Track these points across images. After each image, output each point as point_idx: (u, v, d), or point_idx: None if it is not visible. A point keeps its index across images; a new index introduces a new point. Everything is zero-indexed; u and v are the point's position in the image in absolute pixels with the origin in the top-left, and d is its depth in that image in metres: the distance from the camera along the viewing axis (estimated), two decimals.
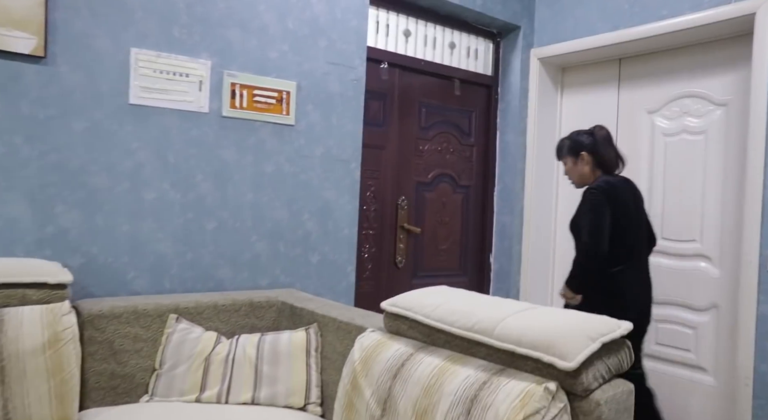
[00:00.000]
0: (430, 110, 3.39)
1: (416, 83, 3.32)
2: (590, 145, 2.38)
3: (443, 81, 3.44)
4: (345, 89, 2.78)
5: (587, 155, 2.39)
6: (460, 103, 3.53)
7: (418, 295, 1.76)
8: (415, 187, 3.33)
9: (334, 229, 2.77)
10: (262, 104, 2.50)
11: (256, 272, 2.53)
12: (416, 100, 3.33)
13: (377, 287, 3.19)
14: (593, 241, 2.17)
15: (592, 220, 2.19)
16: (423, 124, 3.36)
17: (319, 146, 2.70)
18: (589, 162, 2.39)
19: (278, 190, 2.58)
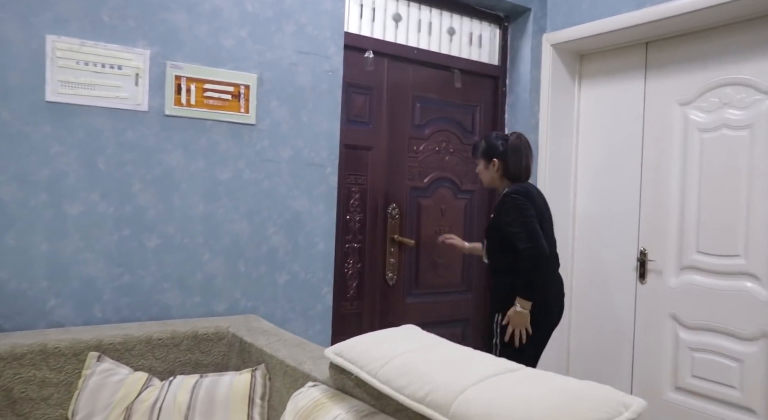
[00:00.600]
0: (426, 105, 2.98)
1: (409, 75, 2.91)
2: (502, 153, 2.34)
3: (441, 72, 3.03)
4: (318, 82, 2.40)
5: (498, 162, 2.35)
6: (461, 98, 3.11)
7: (371, 342, 1.37)
8: (408, 192, 2.93)
9: (306, 243, 2.39)
10: (214, 100, 2.14)
11: (210, 296, 2.17)
12: (409, 95, 2.92)
13: (364, 309, 2.80)
14: (534, 243, 2.14)
15: (525, 224, 2.17)
16: (417, 121, 2.96)
17: (287, 148, 2.33)
18: (499, 169, 2.36)
19: (236, 199, 2.21)
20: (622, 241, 2.97)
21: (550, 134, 3.14)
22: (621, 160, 2.99)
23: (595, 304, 3.11)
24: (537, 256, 2.14)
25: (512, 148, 2.34)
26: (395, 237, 2.85)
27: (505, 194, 2.30)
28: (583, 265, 3.20)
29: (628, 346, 2.92)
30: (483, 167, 2.41)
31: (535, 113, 3.13)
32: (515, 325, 2.21)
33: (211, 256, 2.16)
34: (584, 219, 3.21)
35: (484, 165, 2.40)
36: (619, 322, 2.97)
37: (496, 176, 2.38)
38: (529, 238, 2.14)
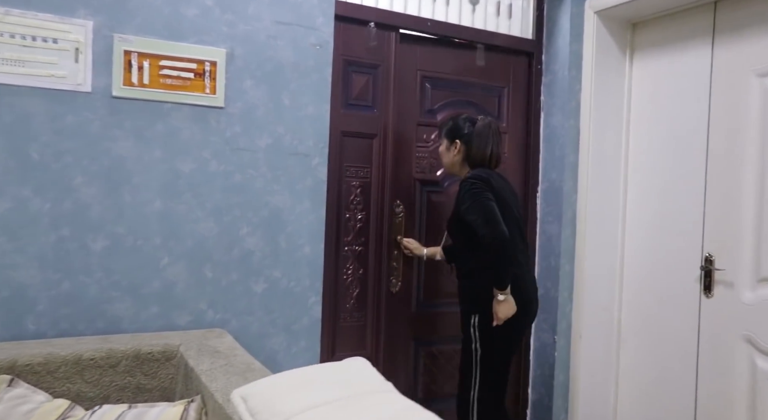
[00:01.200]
0: (439, 87, 2.57)
1: (421, 51, 2.52)
2: (467, 136, 2.16)
3: (461, 49, 2.61)
4: (302, 58, 2.06)
5: (461, 145, 2.17)
6: (485, 77, 2.67)
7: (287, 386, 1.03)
8: (416, 187, 2.53)
9: (289, 246, 2.06)
10: (173, 80, 1.84)
11: (169, 307, 1.87)
12: (420, 74, 2.52)
13: (367, 321, 2.43)
14: (492, 228, 1.96)
15: (482, 209, 1.99)
16: (429, 105, 2.55)
17: (264, 135, 2.00)
18: (461, 152, 2.17)
19: (201, 195, 1.91)
20: (681, 246, 2.45)
21: (594, 118, 2.65)
22: (682, 148, 2.47)
23: (648, 322, 2.59)
24: (498, 240, 1.96)
25: (478, 133, 2.16)
26: (398, 238, 2.46)
27: (461, 180, 2.12)
28: (634, 276, 2.69)
29: (689, 375, 2.39)
30: (444, 148, 2.24)
31: (575, 94, 2.65)
32: (504, 313, 2.03)
33: (170, 260, 1.86)
34: (636, 220, 2.69)
35: (446, 146, 2.22)
36: (679, 345, 2.44)
37: (456, 160, 2.20)
38: (487, 223, 1.97)
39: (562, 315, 2.67)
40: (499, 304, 2.02)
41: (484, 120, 2.18)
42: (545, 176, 2.76)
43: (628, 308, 2.72)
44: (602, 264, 2.71)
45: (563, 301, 2.67)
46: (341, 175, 2.34)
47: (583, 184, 2.67)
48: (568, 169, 2.66)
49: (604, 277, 2.72)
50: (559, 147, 2.68)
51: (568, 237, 2.67)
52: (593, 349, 2.70)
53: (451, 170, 2.27)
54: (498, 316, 2.03)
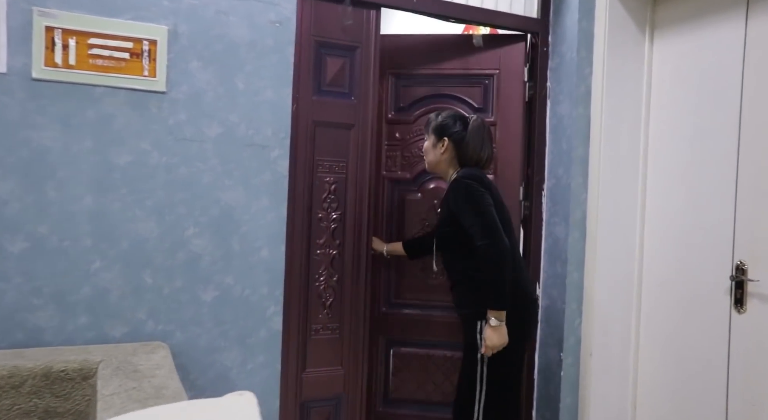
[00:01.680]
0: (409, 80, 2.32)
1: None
2: (457, 134, 2.03)
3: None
4: (259, 36, 1.82)
5: (449, 143, 2.04)
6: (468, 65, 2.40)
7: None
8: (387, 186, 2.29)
9: (244, 249, 1.82)
10: (106, 60, 1.63)
11: (101, 316, 1.66)
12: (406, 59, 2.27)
13: (344, 332, 2.18)
14: (492, 237, 1.82)
15: (482, 214, 1.84)
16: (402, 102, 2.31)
17: (213, 124, 1.77)
18: (449, 151, 2.04)
19: (140, 191, 1.69)
20: (709, 253, 2.10)
21: (607, 106, 2.33)
22: (710, 139, 2.12)
23: (671, 341, 2.25)
24: (498, 252, 1.81)
25: (473, 131, 2.04)
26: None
27: (454, 180, 1.96)
28: (654, 286, 2.35)
29: (718, 399, 2.05)
30: (430, 145, 2.09)
31: (585, 78, 2.34)
32: (494, 344, 1.84)
33: (103, 264, 1.65)
34: (656, 222, 2.35)
35: (433, 143, 2.08)
36: (706, 368, 2.10)
37: (443, 159, 2.06)
38: (487, 232, 1.82)
39: (570, 330, 2.36)
40: (492, 331, 1.84)
41: (477, 120, 2.08)
42: (552, 172, 2.45)
43: (648, 324, 2.38)
44: (616, 272, 2.38)
45: (571, 313, 2.36)
46: (313, 170, 2.09)
47: (593, 180, 2.35)
48: (576, 163, 2.34)
49: (619, 287, 2.39)
50: (566, 139, 2.37)
51: (576, 241, 2.35)
52: (606, 369, 2.37)
53: (435, 169, 2.13)
54: (486, 345, 1.85)
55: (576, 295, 2.37)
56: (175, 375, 1.42)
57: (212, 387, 1.79)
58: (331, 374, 2.17)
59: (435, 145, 2.07)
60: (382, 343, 2.51)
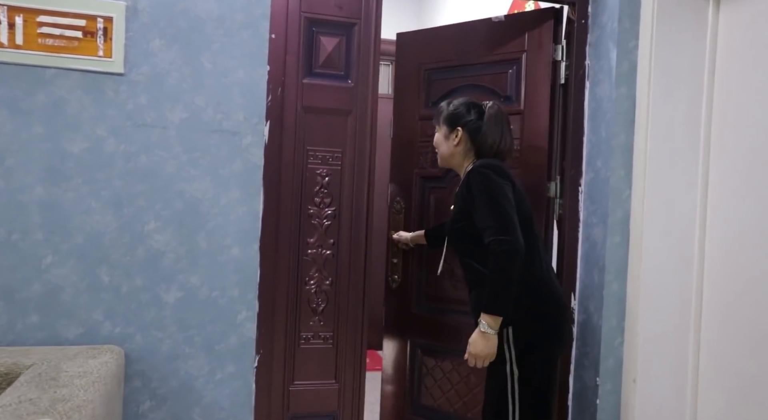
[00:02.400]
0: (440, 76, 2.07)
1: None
2: (471, 123, 1.83)
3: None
4: (228, 11, 1.64)
5: (463, 133, 1.84)
6: (502, 48, 2.10)
7: None
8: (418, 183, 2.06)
9: (211, 247, 1.65)
10: (57, 40, 1.51)
11: (54, 316, 1.54)
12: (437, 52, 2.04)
13: (339, 340, 1.95)
14: (507, 234, 1.59)
15: (495, 207, 1.62)
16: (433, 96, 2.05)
17: (177, 108, 1.61)
18: (464, 142, 1.84)
19: (96, 181, 1.56)
20: None
21: (656, 85, 1.94)
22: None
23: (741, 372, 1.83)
24: (510, 252, 1.59)
25: (490, 118, 1.83)
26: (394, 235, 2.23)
27: (470, 170, 1.76)
28: (720, 306, 1.93)
29: None
30: (442, 137, 1.89)
31: (628, 53, 1.97)
32: (478, 352, 1.63)
33: (55, 259, 1.54)
34: (721, 225, 1.93)
35: (445, 134, 1.88)
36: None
37: (457, 151, 1.86)
38: (500, 228, 1.60)
39: (608, 350, 1.99)
40: (480, 337, 1.63)
41: (493, 106, 1.88)
42: (590, 164, 2.10)
43: (710, 350, 1.96)
44: (668, 285, 1.98)
45: (609, 331, 1.99)
46: (304, 161, 1.89)
47: (639, 174, 1.97)
48: (617, 153, 1.98)
49: (672, 302, 1.99)
50: (606, 125, 2.01)
51: (617, 245, 1.98)
52: (654, 399, 1.98)
53: (448, 162, 1.93)
54: (470, 351, 1.65)
55: (616, 309, 2.00)
56: (99, 386, 1.26)
57: (175, 397, 1.63)
58: (324, 388, 1.95)
59: (447, 137, 1.88)
60: (410, 345, 2.38)
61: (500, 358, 1.68)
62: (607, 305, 1.99)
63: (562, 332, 1.81)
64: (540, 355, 1.72)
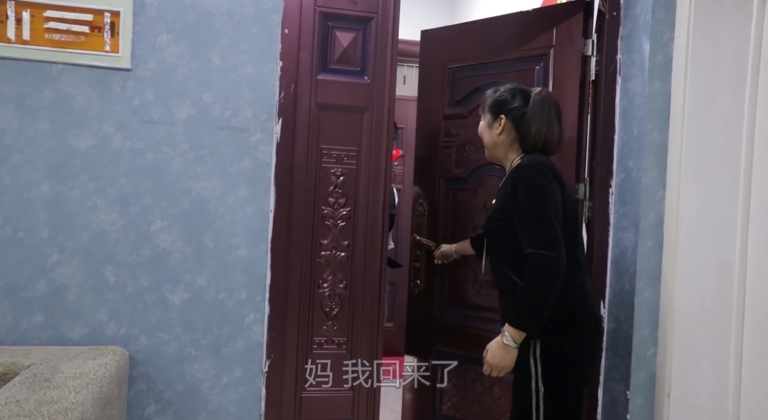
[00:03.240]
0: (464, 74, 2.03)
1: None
2: (516, 110, 1.66)
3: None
4: (237, 5, 1.60)
5: (506, 122, 1.67)
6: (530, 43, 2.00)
7: None
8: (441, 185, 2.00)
9: (218, 247, 1.60)
10: (64, 35, 1.50)
11: (59, 315, 1.52)
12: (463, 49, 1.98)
13: (353, 346, 1.88)
14: (549, 249, 1.46)
15: (540, 215, 1.48)
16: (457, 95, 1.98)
17: (185, 104, 1.57)
18: (509, 131, 1.67)
19: (101, 178, 1.53)
20: None
21: (693, 79, 1.81)
22: None
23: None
24: (551, 268, 1.47)
25: (536, 105, 1.66)
26: (416, 237, 2.15)
27: (516, 167, 1.62)
28: (764, 316, 1.78)
29: None
30: (486, 125, 1.73)
31: (663, 45, 1.84)
32: (496, 363, 1.53)
33: (60, 257, 1.51)
34: (764, 232, 1.78)
35: (489, 122, 1.72)
36: None
37: (500, 141, 1.69)
38: (543, 241, 1.48)
39: (640, 362, 1.86)
40: (499, 348, 1.53)
41: (541, 92, 1.70)
42: (621, 165, 1.97)
43: (753, 364, 1.81)
44: (705, 293, 1.84)
45: (642, 341, 1.86)
46: (318, 160, 1.83)
47: (673, 174, 1.84)
48: (650, 153, 1.85)
49: (710, 311, 1.84)
50: (638, 122, 1.88)
51: (649, 250, 1.85)
52: (689, 416, 1.84)
53: (492, 153, 1.78)
54: (487, 360, 1.56)
55: (649, 318, 1.86)
56: (93, 388, 1.22)
57: (181, 401, 1.58)
58: (337, 396, 1.88)
59: (491, 125, 1.73)
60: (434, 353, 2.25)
61: (526, 373, 1.56)
62: (638, 313, 1.85)
63: (595, 348, 1.69)
64: (570, 371, 1.59)
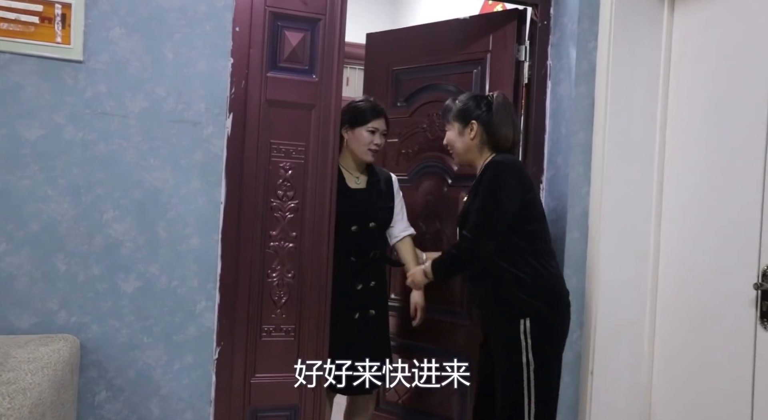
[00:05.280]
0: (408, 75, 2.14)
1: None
2: (484, 115, 1.83)
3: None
4: (191, 2, 1.65)
5: (477, 126, 1.84)
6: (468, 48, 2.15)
7: None
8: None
9: (170, 236, 1.64)
10: (11, 24, 1.50)
11: (6, 305, 1.52)
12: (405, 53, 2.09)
13: (302, 333, 1.95)
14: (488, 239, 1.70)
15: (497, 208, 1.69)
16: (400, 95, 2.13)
17: (139, 97, 1.61)
18: (479, 135, 1.84)
19: (53, 169, 1.55)
20: (733, 259, 1.73)
21: (614, 85, 2.00)
22: (737, 126, 1.75)
23: (690, 355, 1.88)
24: (475, 255, 1.74)
25: (499, 108, 1.83)
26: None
27: (490, 163, 1.79)
28: (671, 297, 1.99)
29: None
30: (456, 134, 1.88)
31: (588, 53, 2.03)
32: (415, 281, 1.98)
33: (9, 247, 1.52)
34: (674, 222, 1.99)
35: (459, 130, 1.87)
36: (728, 391, 1.73)
37: (473, 145, 1.85)
38: (485, 229, 1.69)
39: (567, 343, 2.02)
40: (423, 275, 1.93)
41: (500, 96, 1.88)
42: (550, 162, 2.14)
43: (662, 340, 2.02)
44: (625, 278, 2.04)
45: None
46: (267, 154, 1.89)
47: (597, 171, 2.03)
48: (576, 151, 2.03)
49: (628, 296, 2.04)
50: (566, 123, 2.06)
51: (575, 241, 2.03)
52: (611, 390, 2.03)
53: (466, 158, 1.91)
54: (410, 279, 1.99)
55: (575, 303, 2.03)
56: (48, 371, 1.25)
57: (132, 388, 1.62)
58: (286, 381, 1.95)
59: (462, 133, 1.87)
60: None
61: (516, 348, 1.71)
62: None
63: (568, 328, 1.85)
64: (554, 344, 1.78)
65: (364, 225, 2.02)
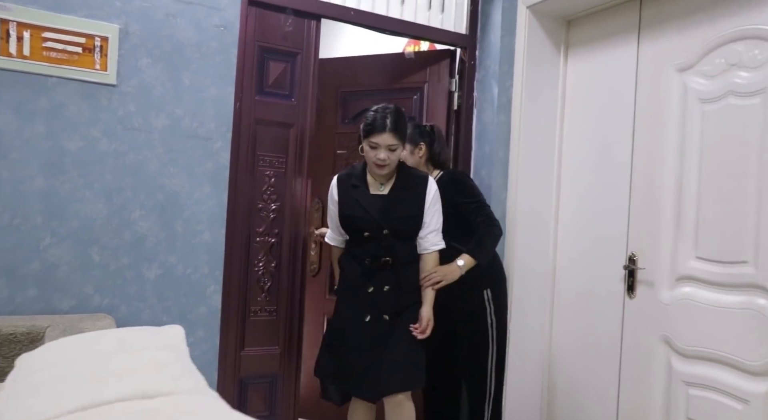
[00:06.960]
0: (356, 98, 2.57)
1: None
2: (428, 138, 2.37)
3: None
4: (204, 39, 2.00)
5: (425, 147, 2.36)
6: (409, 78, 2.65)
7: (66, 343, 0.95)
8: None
9: (186, 232, 1.98)
10: (59, 53, 1.78)
11: (50, 290, 1.79)
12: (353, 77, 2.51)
13: (279, 314, 2.35)
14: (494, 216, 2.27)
15: (479, 193, 2.32)
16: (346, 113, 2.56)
17: (161, 116, 1.94)
18: (424, 154, 2.36)
19: (89, 174, 1.84)
20: (608, 245, 2.38)
21: (525, 114, 2.60)
22: (610, 146, 2.41)
23: (579, 324, 2.52)
24: (500, 229, 2.26)
25: (439, 134, 2.41)
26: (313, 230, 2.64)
27: (455, 177, 2.35)
28: (565, 277, 2.62)
29: (613, 376, 2.32)
30: (408, 153, 2.31)
31: (506, 89, 2.61)
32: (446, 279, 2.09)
33: (52, 240, 1.79)
34: (568, 219, 2.63)
35: (410, 150, 2.32)
36: (604, 347, 2.37)
37: (421, 161, 2.35)
38: (491, 213, 2.25)
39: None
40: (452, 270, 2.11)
41: (435, 126, 2.42)
42: (476, 174, 2.70)
43: (561, 314, 2.65)
44: (533, 265, 2.64)
45: None
46: (255, 164, 2.27)
47: (512, 181, 2.61)
48: (498, 165, 2.60)
49: (536, 279, 2.65)
50: (489, 143, 2.63)
51: None
52: (522, 353, 2.62)
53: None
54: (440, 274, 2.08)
55: None
56: None
57: None
58: (268, 353, 2.34)
59: (413, 152, 2.33)
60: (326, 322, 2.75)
61: (482, 312, 2.28)
62: None
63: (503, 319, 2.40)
64: (504, 309, 2.38)
65: (377, 231, 1.94)
